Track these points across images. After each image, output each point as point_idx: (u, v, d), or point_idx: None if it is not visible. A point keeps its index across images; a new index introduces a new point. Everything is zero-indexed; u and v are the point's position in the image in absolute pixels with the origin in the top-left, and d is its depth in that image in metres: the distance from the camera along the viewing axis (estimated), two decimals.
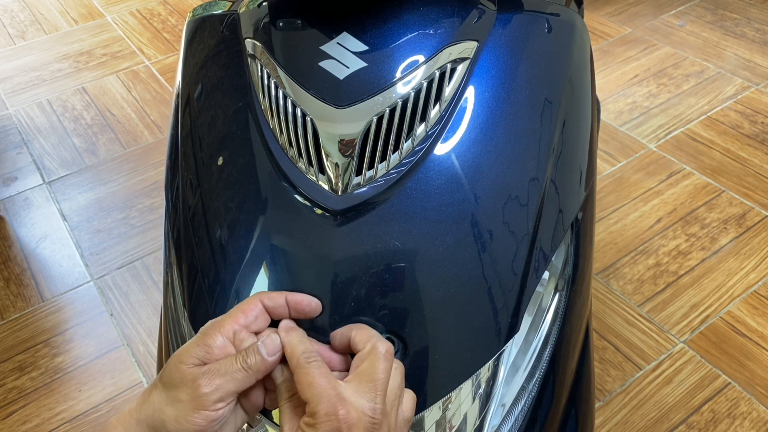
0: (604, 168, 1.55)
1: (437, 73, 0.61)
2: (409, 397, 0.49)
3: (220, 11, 0.76)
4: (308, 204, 0.57)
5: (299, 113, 0.60)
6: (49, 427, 1.14)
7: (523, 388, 0.57)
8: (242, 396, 0.48)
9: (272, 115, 0.62)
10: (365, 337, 0.49)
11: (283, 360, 0.48)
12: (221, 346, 0.47)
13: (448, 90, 0.61)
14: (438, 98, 0.60)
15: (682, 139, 1.62)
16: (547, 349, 0.59)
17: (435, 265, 0.54)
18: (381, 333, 0.52)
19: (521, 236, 0.57)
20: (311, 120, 0.59)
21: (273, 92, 0.62)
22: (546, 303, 0.60)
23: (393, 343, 0.52)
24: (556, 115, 0.63)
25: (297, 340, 0.48)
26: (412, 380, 0.52)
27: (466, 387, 0.53)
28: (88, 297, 1.35)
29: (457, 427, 0.53)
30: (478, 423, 0.54)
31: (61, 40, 2.15)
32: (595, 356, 1.18)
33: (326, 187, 0.57)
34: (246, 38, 0.68)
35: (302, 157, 0.59)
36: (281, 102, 0.61)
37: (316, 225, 0.56)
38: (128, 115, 1.81)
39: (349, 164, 0.58)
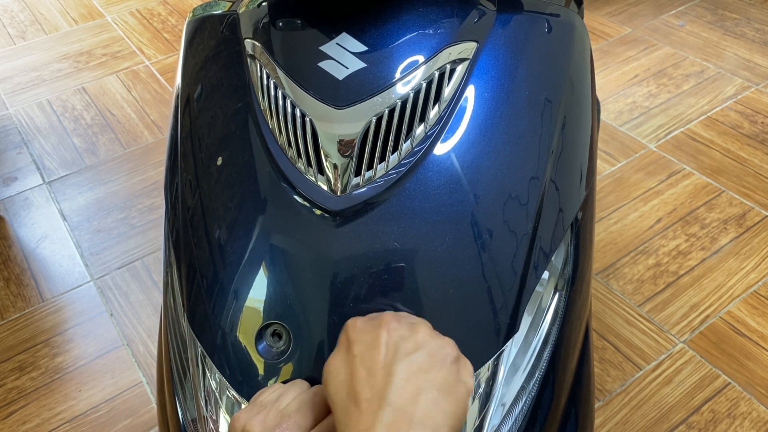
0: (604, 168, 1.55)
1: (436, 74, 0.61)
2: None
3: (220, 11, 0.76)
4: (307, 204, 0.57)
5: (298, 113, 0.60)
6: (49, 427, 1.14)
7: (522, 388, 0.57)
8: None
9: (271, 116, 0.62)
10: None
11: None
12: None
13: (448, 90, 0.61)
14: (437, 99, 0.60)
15: (682, 139, 1.62)
16: (547, 349, 0.59)
17: (434, 265, 0.54)
18: None
19: (521, 236, 0.57)
20: (310, 120, 0.59)
21: (272, 92, 0.62)
22: (546, 303, 0.60)
23: None
24: (556, 115, 0.63)
25: None
26: None
27: None
28: (88, 297, 1.35)
29: None
30: (477, 423, 0.54)
31: (61, 40, 2.15)
32: (595, 356, 1.18)
33: (325, 187, 0.57)
34: (246, 38, 0.68)
35: (301, 158, 0.59)
36: (280, 102, 0.61)
37: (315, 225, 0.56)
38: (128, 115, 1.81)
39: (348, 165, 0.58)
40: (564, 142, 0.63)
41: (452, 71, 0.62)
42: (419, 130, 0.59)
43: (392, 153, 0.58)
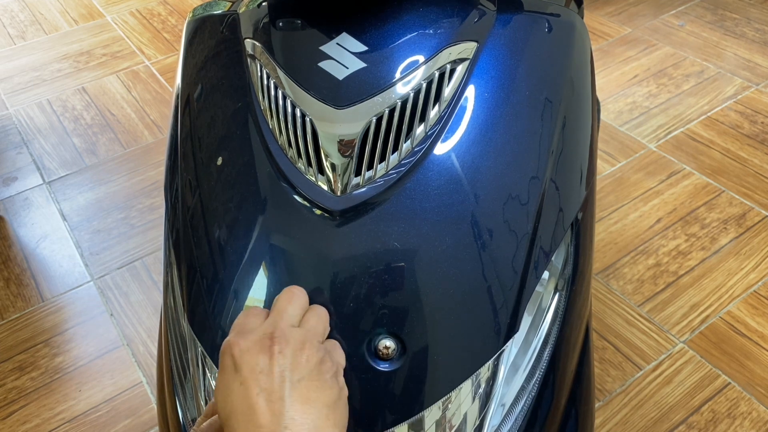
0: (604, 168, 1.55)
1: (437, 74, 0.61)
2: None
3: (220, 11, 0.76)
4: (307, 204, 0.57)
5: (298, 113, 0.60)
6: (49, 427, 1.14)
7: (523, 388, 0.57)
8: None
9: (272, 116, 0.62)
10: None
11: None
12: None
13: (448, 90, 0.61)
14: (437, 99, 0.60)
15: (682, 139, 1.62)
16: (547, 349, 0.59)
17: (434, 265, 0.54)
18: (382, 333, 0.53)
19: (521, 236, 0.57)
20: (310, 120, 0.60)
21: (272, 92, 0.62)
22: (546, 303, 0.60)
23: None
24: (556, 115, 0.63)
25: None
26: (412, 380, 0.52)
27: (466, 387, 0.53)
28: (88, 297, 1.35)
29: (457, 426, 0.53)
30: (477, 423, 0.54)
31: (61, 40, 2.15)
32: (595, 356, 1.18)
33: (325, 187, 0.57)
34: (246, 38, 0.68)
35: (301, 158, 0.59)
36: (281, 102, 0.61)
37: (316, 225, 0.56)
38: (128, 115, 1.81)
39: (348, 165, 0.58)
40: (564, 142, 0.63)
41: (452, 71, 0.62)
42: (419, 130, 0.59)
43: (392, 153, 0.58)
